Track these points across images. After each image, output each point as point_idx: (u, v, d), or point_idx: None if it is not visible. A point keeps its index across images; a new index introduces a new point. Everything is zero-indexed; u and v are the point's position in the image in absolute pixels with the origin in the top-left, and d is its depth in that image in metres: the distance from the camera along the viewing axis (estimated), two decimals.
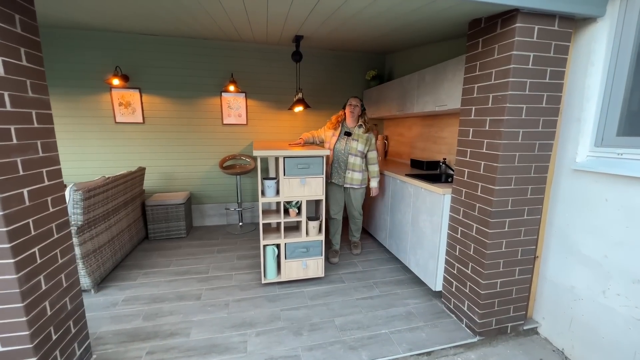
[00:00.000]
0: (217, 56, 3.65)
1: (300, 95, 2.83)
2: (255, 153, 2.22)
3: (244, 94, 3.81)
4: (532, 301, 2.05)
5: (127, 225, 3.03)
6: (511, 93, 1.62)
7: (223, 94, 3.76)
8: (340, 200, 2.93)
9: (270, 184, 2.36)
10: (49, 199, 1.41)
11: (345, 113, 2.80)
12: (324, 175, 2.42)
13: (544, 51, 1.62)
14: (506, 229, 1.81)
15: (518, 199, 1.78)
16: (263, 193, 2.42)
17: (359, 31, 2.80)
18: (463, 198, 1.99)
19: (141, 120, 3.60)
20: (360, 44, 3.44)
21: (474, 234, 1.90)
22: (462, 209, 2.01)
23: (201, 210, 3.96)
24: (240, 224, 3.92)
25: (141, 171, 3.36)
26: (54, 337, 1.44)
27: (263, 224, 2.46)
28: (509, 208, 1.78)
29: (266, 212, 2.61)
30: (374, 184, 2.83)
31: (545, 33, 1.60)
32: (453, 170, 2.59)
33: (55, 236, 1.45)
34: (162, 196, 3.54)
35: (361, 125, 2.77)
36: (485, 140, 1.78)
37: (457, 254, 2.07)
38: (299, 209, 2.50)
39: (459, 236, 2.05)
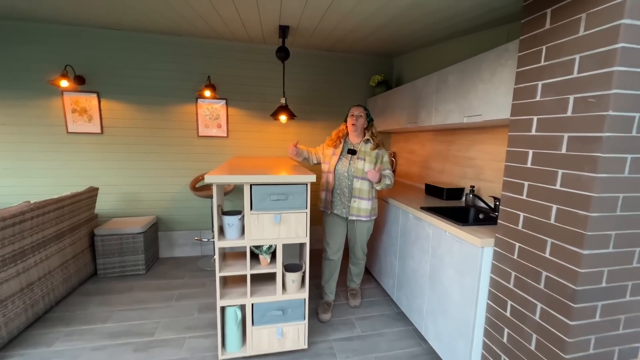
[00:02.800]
0: (192, 56, 3.06)
1: (283, 101, 2.18)
2: (209, 179, 1.56)
3: (224, 101, 3.20)
4: None
5: (62, 263, 2.37)
6: (617, 92, 0.94)
7: (199, 100, 3.15)
8: (341, 237, 2.24)
9: (231, 222, 1.69)
10: None
11: (347, 127, 2.19)
12: (308, 210, 1.74)
13: None
14: (597, 319, 1.09)
15: (618, 270, 1.07)
16: (222, 233, 1.74)
17: (356, 17, 2.18)
18: (516, 257, 1.28)
19: (99, 131, 2.99)
20: (361, 39, 2.82)
21: (537, 318, 1.18)
22: (513, 273, 1.30)
23: (170, 239, 3.29)
24: (215, 257, 3.22)
25: (91, 192, 2.73)
26: None
27: (221, 277, 1.77)
28: (604, 285, 1.06)
29: (229, 255, 1.93)
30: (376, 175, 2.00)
31: None
32: (488, 205, 1.89)
33: None
34: (118, 223, 2.89)
35: (368, 140, 2.14)
36: (561, 171, 1.09)
37: (504, 340, 1.35)
38: (274, 254, 1.82)
39: (507, 314, 1.33)
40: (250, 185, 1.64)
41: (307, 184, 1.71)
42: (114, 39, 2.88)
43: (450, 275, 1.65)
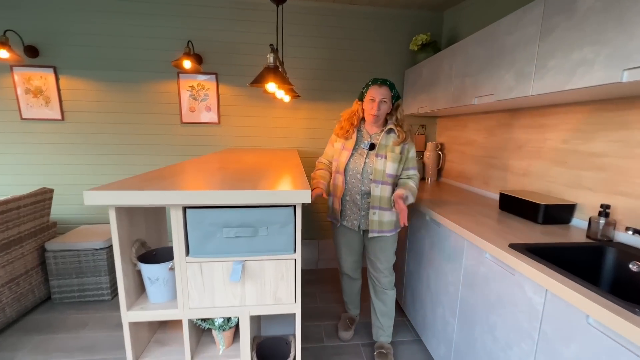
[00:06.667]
0: (169, 16, 2.32)
1: (271, 58, 1.33)
2: (90, 198, 0.78)
3: (213, 76, 2.44)
4: None
5: None
6: None
7: (181, 76, 2.42)
8: (356, 254, 1.72)
9: (154, 274, 0.91)
10: None
11: (362, 109, 1.53)
12: (299, 253, 0.92)
13: None
14: None
15: None
16: (146, 293, 0.98)
17: None
18: None
19: (59, 116, 2.38)
20: None
21: None
22: None
23: None
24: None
25: (41, 195, 2.11)
26: None
27: None
28: None
29: (166, 327, 1.16)
30: (404, 194, 1.42)
31: None
32: None
33: None
34: (78, 234, 2.27)
35: (391, 129, 1.51)
36: None
37: None
38: (237, 327, 1.02)
39: None
40: (184, 209, 0.85)
41: (294, 207, 0.88)
42: None
43: None
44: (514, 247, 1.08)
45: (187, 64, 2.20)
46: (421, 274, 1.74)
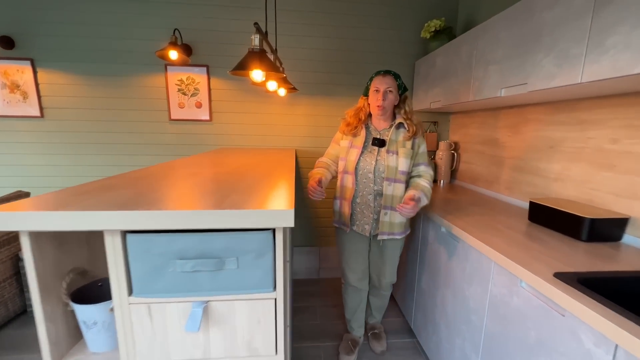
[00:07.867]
0: (156, 2, 2.11)
1: (256, 40, 1.09)
2: None
3: (204, 69, 2.22)
4: None
5: None
6: None
7: (169, 69, 2.21)
8: (364, 256, 1.56)
9: (91, 317, 0.69)
10: None
11: (368, 104, 1.42)
12: (282, 290, 0.69)
13: None
14: None
15: None
16: (83, 340, 0.76)
17: None
18: None
19: (38, 113, 2.19)
20: None
21: None
22: None
23: None
24: None
25: (17, 199, 1.93)
26: None
27: None
28: None
29: None
30: (416, 195, 1.31)
31: None
32: None
33: None
34: None
35: (401, 124, 1.41)
36: None
37: None
38: None
39: None
40: (123, 234, 0.63)
41: (272, 231, 0.66)
42: None
43: None
44: (561, 277, 0.84)
45: (173, 54, 1.98)
46: (435, 294, 1.51)
